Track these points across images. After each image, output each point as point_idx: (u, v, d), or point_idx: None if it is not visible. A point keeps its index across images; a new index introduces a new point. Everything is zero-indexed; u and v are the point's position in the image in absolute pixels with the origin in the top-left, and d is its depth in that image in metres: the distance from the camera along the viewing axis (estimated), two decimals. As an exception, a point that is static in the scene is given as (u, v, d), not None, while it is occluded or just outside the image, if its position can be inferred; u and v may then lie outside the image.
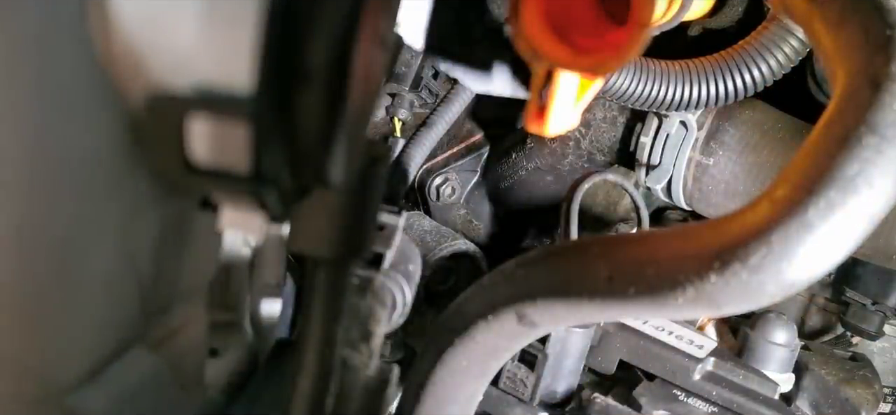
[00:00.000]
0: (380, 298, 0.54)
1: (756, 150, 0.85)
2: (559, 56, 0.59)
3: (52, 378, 0.33)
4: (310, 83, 0.29)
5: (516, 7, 0.59)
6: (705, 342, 0.75)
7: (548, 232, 1.05)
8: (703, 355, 0.73)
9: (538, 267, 0.48)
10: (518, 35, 0.60)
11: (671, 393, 0.71)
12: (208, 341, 0.47)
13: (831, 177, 0.34)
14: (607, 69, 0.57)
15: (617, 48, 0.57)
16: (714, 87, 0.78)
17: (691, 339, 0.75)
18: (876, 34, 0.39)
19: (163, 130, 0.30)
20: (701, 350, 0.73)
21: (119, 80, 0.29)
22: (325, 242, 0.37)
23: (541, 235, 1.07)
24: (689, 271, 0.37)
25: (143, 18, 0.28)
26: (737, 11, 0.87)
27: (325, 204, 0.37)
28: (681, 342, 0.74)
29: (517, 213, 1.10)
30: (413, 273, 0.59)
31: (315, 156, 0.32)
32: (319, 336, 0.39)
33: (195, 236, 0.41)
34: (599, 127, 0.99)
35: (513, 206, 1.10)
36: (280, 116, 0.29)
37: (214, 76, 0.28)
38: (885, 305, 0.93)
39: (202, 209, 0.37)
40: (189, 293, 0.43)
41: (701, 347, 0.74)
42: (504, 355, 0.55)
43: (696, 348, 0.73)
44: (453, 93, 1.05)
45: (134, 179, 0.33)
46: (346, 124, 0.32)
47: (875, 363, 0.92)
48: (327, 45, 0.30)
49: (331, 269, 0.39)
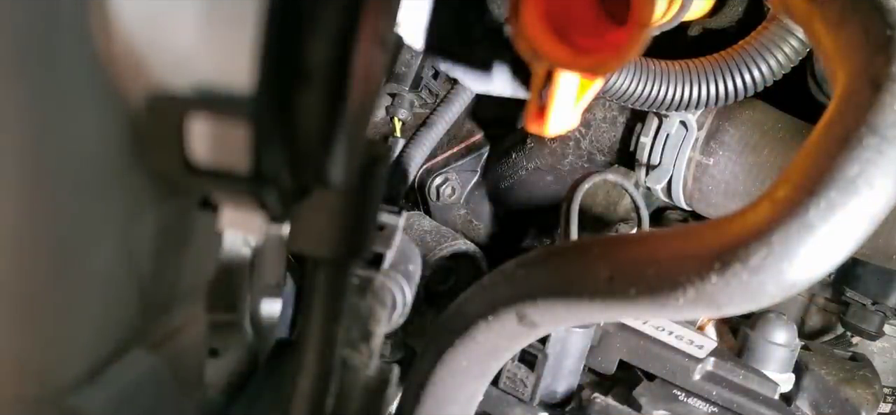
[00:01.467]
0: (380, 298, 0.54)
1: (756, 150, 0.85)
2: (559, 56, 0.59)
3: (52, 379, 0.33)
4: (310, 83, 0.29)
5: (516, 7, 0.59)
6: (705, 342, 0.75)
7: (548, 232, 1.05)
8: (703, 355, 0.73)
9: (539, 267, 0.48)
10: (518, 35, 0.60)
11: (671, 393, 0.71)
12: (208, 341, 0.47)
13: (832, 177, 0.34)
14: (607, 69, 0.57)
15: (617, 48, 0.57)
16: (714, 87, 0.78)
17: (691, 339, 0.75)
18: (876, 34, 0.39)
19: (163, 129, 0.30)
20: (701, 350, 0.73)
21: (119, 80, 0.29)
22: (325, 243, 0.37)
23: (541, 236, 1.07)
24: (690, 272, 0.37)
25: (143, 18, 0.28)
26: (737, 11, 0.87)
27: (325, 204, 0.37)
28: (681, 342, 0.74)
29: (517, 213, 1.10)
30: (413, 273, 0.59)
31: (315, 156, 0.32)
32: (319, 336, 0.39)
33: (195, 237, 0.41)
34: (599, 127, 0.99)
35: (513, 206, 1.10)
36: (280, 116, 0.29)
37: (214, 76, 0.28)
38: (885, 305, 0.93)
39: (202, 209, 0.37)
40: (189, 293, 0.42)
41: (701, 347, 0.74)
42: (504, 355, 0.55)
43: (696, 348, 0.74)
44: (453, 93, 1.05)
45: (134, 178, 0.33)
46: (346, 124, 0.32)
47: (875, 363, 0.92)
48: (327, 45, 0.30)
49: (331, 269, 0.39)
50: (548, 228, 1.05)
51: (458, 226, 1.11)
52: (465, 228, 1.11)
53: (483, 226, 1.12)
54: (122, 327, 0.36)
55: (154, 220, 0.35)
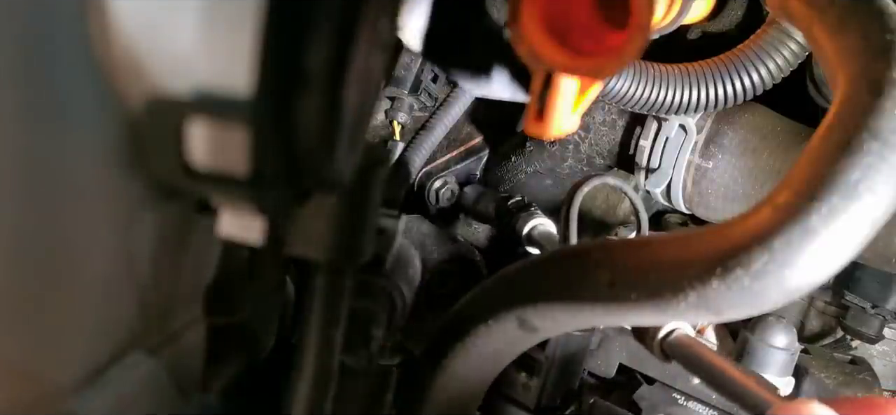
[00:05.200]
0: (379, 301, 0.54)
1: (755, 153, 0.85)
2: (558, 59, 0.59)
3: (51, 382, 0.33)
4: (309, 87, 0.29)
5: (515, 10, 0.59)
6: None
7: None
8: (702, 358, 0.72)
9: (539, 272, 0.48)
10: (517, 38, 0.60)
11: (671, 397, 0.71)
12: (207, 344, 0.47)
13: (834, 182, 0.34)
14: (607, 73, 0.57)
15: (616, 52, 0.57)
16: (713, 90, 0.78)
17: (691, 343, 0.75)
18: (876, 39, 0.39)
19: (162, 133, 0.30)
20: (700, 354, 0.73)
21: (118, 84, 0.29)
22: (323, 246, 0.37)
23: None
24: (692, 277, 0.37)
25: (142, 22, 0.28)
26: (736, 15, 0.87)
27: (324, 208, 0.37)
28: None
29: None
30: (412, 277, 0.58)
31: (314, 160, 0.32)
32: (318, 340, 0.39)
33: (194, 240, 0.41)
34: (599, 130, 0.99)
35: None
36: (279, 119, 0.29)
37: (214, 80, 0.28)
38: (884, 308, 0.93)
39: (201, 213, 0.37)
40: (188, 297, 0.42)
41: (700, 351, 0.74)
42: (504, 359, 0.55)
43: (695, 351, 0.73)
44: (452, 96, 1.05)
45: (133, 182, 0.32)
46: (344, 128, 0.32)
47: (875, 367, 0.92)
48: (326, 49, 0.29)
49: (329, 273, 0.39)
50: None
51: (457, 229, 1.11)
52: (464, 232, 1.11)
53: (482, 229, 1.12)
54: (122, 331, 0.36)
55: (153, 223, 0.35)
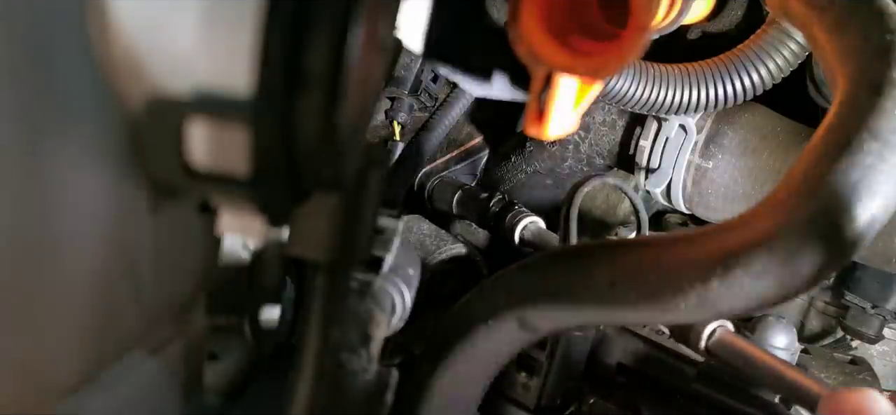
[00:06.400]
0: (379, 302, 0.54)
1: (755, 153, 0.85)
2: (558, 60, 0.59)
3: (50, 382, 0.33)
4: (309, 87, 0.29)
5: (515, 11, 0.59)
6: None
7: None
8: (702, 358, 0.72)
9: (540, 272, 0.48)
10: (517, 39, 0.60)
11: (671, 396, 0.71)
12: (207, 345, 0.47)
13: (834, 183, 0.34)
14: (607, 73, 0.57)
15: (616, 52, 0.57)
16: (713, 90, 0.78)
17: (691, 343, 0.75)
18: (876, 39, 0.39)
19: (162, 133, 0.30)
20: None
21: (118, 84, 0.29)
22: (323, 247, 0.37)
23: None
24: (693, 277, 0.37)
25: (142, 22, 0.28)
26: (736, 15, 0.87)
27: (324, 208, 0.37)
28: (680, 346, 0.74)
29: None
30: (412, 277, 0.58)
31: (314, 160, 0.32)
32: (317, 340, 0.39)
33: (194, 241, 0.41)
34: (599, 130, 0.99)
35: (512, 209, 1.09)
36: (279, 120, 0.29)
37: (214, 80, 0.28)
38: (884, 308, 0.93)
39: (201, 213, 0.37)
40: (188, 297, 0.42)
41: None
42: (504, 359, 0.55)
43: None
44: (452, 97, 1.05)
45: (133, 182, 0.32)
46: (344, 128, 0.32)
47: (875, 367, 0.92)
48: (326, 49, 0.29)
49: (329, 273, 0.39)
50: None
51: (457, 229, 1.11)
52: (464, 232, 1.11)
53: (482, 229, 1.12)
54: (121, 331, 0.36)
55: (153, 224, 0.35)
